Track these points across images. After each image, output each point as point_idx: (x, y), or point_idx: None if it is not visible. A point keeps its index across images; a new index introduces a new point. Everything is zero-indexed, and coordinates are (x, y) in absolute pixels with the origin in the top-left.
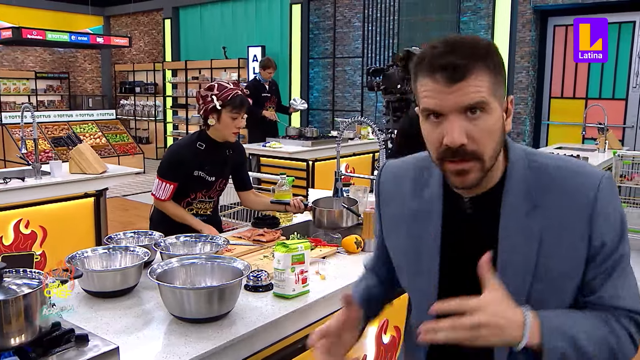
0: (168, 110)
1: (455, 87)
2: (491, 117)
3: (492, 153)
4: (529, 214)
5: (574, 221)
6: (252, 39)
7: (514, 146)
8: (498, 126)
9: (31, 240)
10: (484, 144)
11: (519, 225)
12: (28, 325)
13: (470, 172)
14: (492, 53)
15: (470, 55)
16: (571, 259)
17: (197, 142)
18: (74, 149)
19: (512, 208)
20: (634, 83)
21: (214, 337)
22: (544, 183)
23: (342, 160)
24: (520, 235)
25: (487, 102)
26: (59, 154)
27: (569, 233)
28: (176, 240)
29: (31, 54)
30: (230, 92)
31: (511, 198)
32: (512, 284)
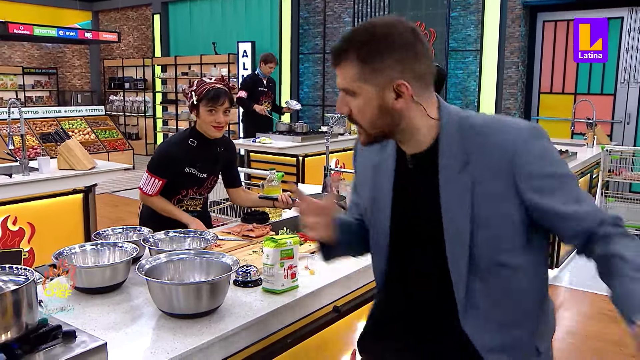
0: (158, 106)
1: (336, 71)
2: (359, 100)
3: (370, 124)
4: (461, 170)
5: (498, 172)
6: (242, 35)
7: (447, 110)
8: (370, 106)
9: (19, 237)
10: (359, 118)
11: (454, 182)
12: (14, 321)
13: (360, 134)
14: (368, 43)
15: (343, 46)
16: (502, 206)
17: (189, 138)
18: (62, 145)
19: (447, 167)
20: (622, 78)
21: (203, 332)
22: (472, 141)
23: (332, 156)
24: (455, 191)
25: (351, 89)
26: (47, 150)
27: (496, 183)
28: (165, 236)
29: (18, 49)
30: (207, 86)
31: (445, 159)
32: (457, 233)
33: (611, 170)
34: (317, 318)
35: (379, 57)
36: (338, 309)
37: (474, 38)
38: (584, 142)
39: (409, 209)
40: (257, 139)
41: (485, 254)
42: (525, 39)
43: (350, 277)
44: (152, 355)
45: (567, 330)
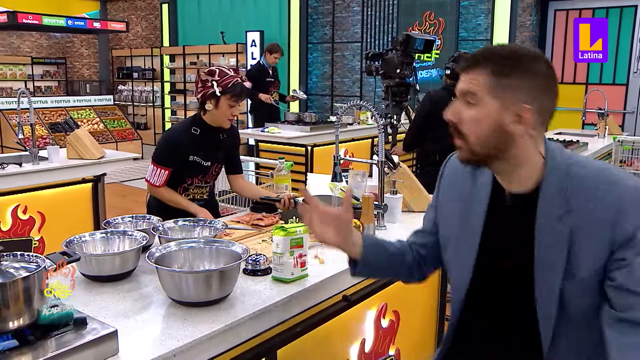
0: (166, 96)
1: (462, 77)
2: (477, 110)
3: (478, 140)
4: (562, 218)
5: (600, 227)
6: (250, 24)
7: (554, 153)
8: (488, 120)
9: (29, 225)
10: (469, 129)
11: (552, 228)
12: (26, 308)
13: (462, 150)
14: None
15: (484, 56)
16: (595, 261)
17: (192, 127)
18: (71, 135)
19: (547, 212)
20: (635, 68)
21: (213, 320)
22: (577, 191)
23: (341, 146)
24: (552, 237)
25: (478, 95)
26: (57, 140)
27: (596, 238)
28: (174, 225)
29: (27, 39)
30: (231, 79)
31: (546, 203)
32: (546, 281)
33: (623, 161)
34: (326, 307)
35: (516, 76)
36: (348, 298)
37: (484, 27)
38: (595, 132)
39: (498, 248)
40: (265, 129)
41: (575, 305)
42: (536, 29)
43: None
44: (162, 343)
45: None
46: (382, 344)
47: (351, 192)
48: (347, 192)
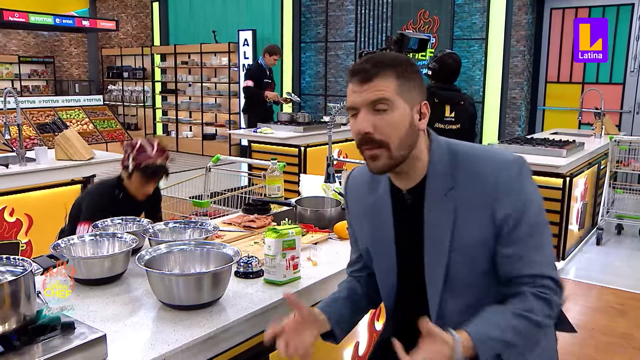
0: (157, 96)
1: (365, 87)
2: (395, 114)
3: (399, 143)
4: (447, 193)
5: (481, 201)
6: (242, 23)
7: (437, 139)
8: (404, 122)
9: (16, 228)
10: (389, 134)
11: (439, 204)
12: (12, 313)
13: (380, 158)
14: (404, 64)
15: (380, 63)
16: (480, 233)
17: (115, 189)
18: (59, 135)
19: (434, 189)
20: (632, 67)
21: (204, 324)
22: (460, 168)
23: (334, 146)
24: (439, 212)
25: (391, 99)
26: (45, 141)
27: (477, 211)
28: (165, 227)
29: (14, 37)
30: (147, 159)
31: (433, 181)
32: (435, 254)
33: (619, 161)
34: None
35: (413, 77)
36: None
37: (480, 26)
38: (591, 132)
39: (411, 243)
40: (258, 129)
41: (460, 274)
42: (532, 27)
43: None
44: (152, 347)
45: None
46: None
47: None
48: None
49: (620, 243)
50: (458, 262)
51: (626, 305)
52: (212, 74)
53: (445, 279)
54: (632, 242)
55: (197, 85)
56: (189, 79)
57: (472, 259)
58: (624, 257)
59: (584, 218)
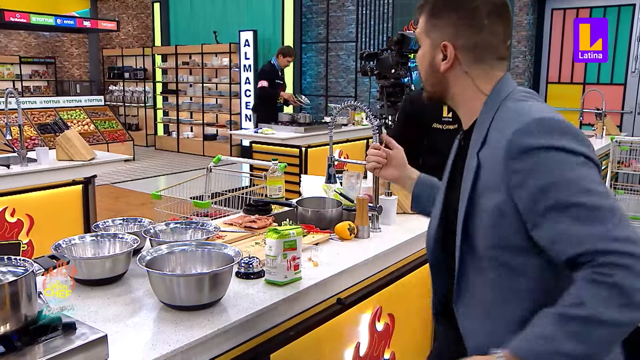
0: (158, 96)
1: None
2: (422, 51)
3: (424, 77)
4: (479, 150)
5: (498, 161)
6: (243, 23)
7: (500, 88)
8: (423, 60)
9: (17, 228)
10: (419, 69)
11: (472, 160)
12: (13, 313)
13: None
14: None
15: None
16: (497, 197)
17: None
18: (61, 136)
19: (474, 144)
20: (633, 68)
21: (205, 324)
22: (496, 122)
23: (335, 146)
24: (470, 168)
25: (420, 38)
26: (46, 141)
27: (495, 172)
28: (166, 227)
29: (15, 38)
30: None
31: (475, 136)
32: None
33: (621, 162)
34: (320, 310)
35: (440, 15)
36: (342, 301)
37: None
38: (592, 132)
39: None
40: (259, 130)
41: (480, 244)
42: (533, 28)
43: (354, 268)
44: (153, 348)
45: None
46: (377, 347)
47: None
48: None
49: None
50: (479, 228)
51: None
52: (213, 74)
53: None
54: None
55: (198, 85)
56: (190, 80)
57: (494, 227)
58: None
59: None
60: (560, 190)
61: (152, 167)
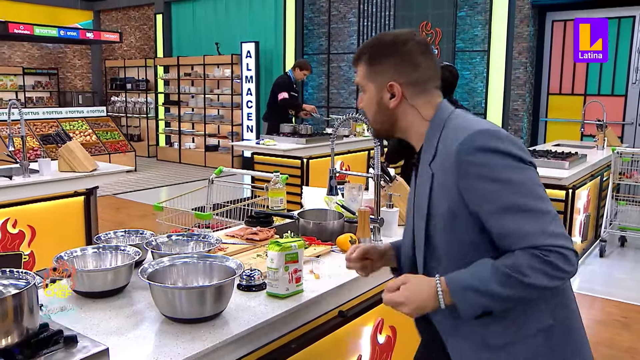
0: (160, 107)
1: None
2: (367, 95)
3: (372, 118)
4: (430, 163)
5: (447, 169)
6: (245, 35)
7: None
8: (372, 101)
9: (19, 239)
10: (366, 112)
11: (424, 172)
12: (15, 326)
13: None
14: (374, 48)
15: (359, 50)
16: (448, 201)
17: None
18: (63, 147)
19: (423, 159)
20: (634, 79)
21: (207, 337)
22: (441, 138)
23: (337, 158)
24: (423, 180)
25: (361, 85)
26: (48, 152)
27: (445, 179)
28: (168, 239)
29: (18, 49)
30: None
31: (423, 151)
32: (418, 222)
33: (622, 173)
34: (322, 323)
35: (380, 60)
36: (343, 313)
37: (482, 38)
38: (594, 144)
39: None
40: (261, 141)
41: (440, 242)
42: (533, 39)
43: (356, 281)
44: None
45: None
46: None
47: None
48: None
49: (624, 255)
50: (437, 230)
51: (630, 318)
52: (214, 85)
53: (427, 246)
54: (635, 254)
55: (200, 96)
56: (191, 91)
57: (448, 228)
58: (627, 269)
59: (587, 230)
60: (506, 192)
61: (154, 178)
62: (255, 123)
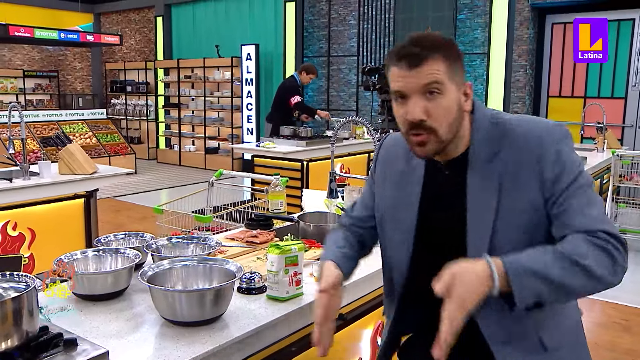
0: (160, 110)
1: (414, 71)
2: (446, 98)
3: (448, 128)
4: (491, 160)
5: (528, 161)
6: (245, 37)
7: (480, 109)
8: (453, 105)
9: (19, 242)
10: (440, 120)
11: (483, 171)
12: (15, 329)
13: (428, 144)
14: (449, 45)
15: (428, 46)
16: (529, 194)
17: None
18: (63, 149)
19: (478, 157)
20: (634, 81)
21: (206, 340)
22: (503, 133)
23: (336, 161)
24: (484, 180)
25: (443, 83)
26: (48, 155)
27: (525, 171)
28: (168, 242)
29: (19, 52)
30: None
31: (477, 150)
32: (478, 225)
33: (622, 176)
34: None
35: (458, 58)
36: (344, 316)
37: (481, 41)
38: (594, 146)
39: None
40: (261, 144)
41: (505, 244)
42: (533, 42)
43: (356, 284)
44: None
45: None
46: None
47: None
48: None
49: None
50: (505, 231)
51: (630, 321)
52: (215, 88)
53: (489, 250)
54: (635, 257)
55: (200, 99)
56: (192, 93)
57: (520, 227)
58: (627, 272)
59: None
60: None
61: (154, 180)
62: (255, 125)
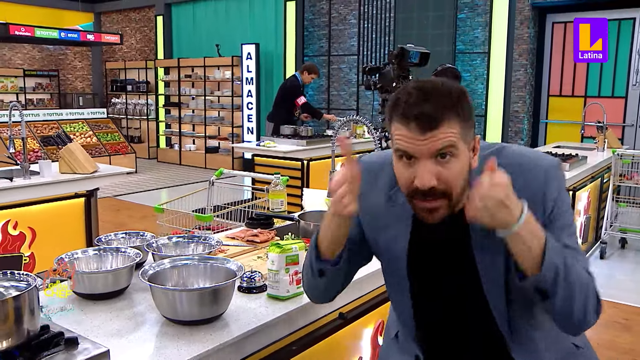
0: (160, 109)
1: (428, 135)
2: (459, 161)
3: (460, 190)
4: None
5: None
6: (245, 37)
7: None
8: (465, 166)
9: (20, 241)
10: (453, 185)
11: None
12: (16, 328)
13: (440, 209)
14: (463, 100)
15: (442, 105)
16: None
17: None
18: (64, 148)
19: None
20: (634, 81)
21: (207, 339)
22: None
23: (337, 160)
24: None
25: (457, 146)
26: (49, 154)
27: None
28: (168, 241)
29: (19, 51)
30: None
31: None
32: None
33: (622, 175)
34: (322, 325)
35: (469, 113)
36: (344, 315)
37: (482, 40)
38: (594, 145)
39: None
40: (261, 143)
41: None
42: (534, 41)
43: (356, 282)
44: None
45: None
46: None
47: None
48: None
49: (624, 257)
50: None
51: (631, 320)
52: (215, 87)
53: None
54: (636, 256)
55: (201, 98)
56: (192, 92)
57: None
58: (627, 271)
59: (588, 232)
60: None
61: (154, 179)
62: (255, 125)
